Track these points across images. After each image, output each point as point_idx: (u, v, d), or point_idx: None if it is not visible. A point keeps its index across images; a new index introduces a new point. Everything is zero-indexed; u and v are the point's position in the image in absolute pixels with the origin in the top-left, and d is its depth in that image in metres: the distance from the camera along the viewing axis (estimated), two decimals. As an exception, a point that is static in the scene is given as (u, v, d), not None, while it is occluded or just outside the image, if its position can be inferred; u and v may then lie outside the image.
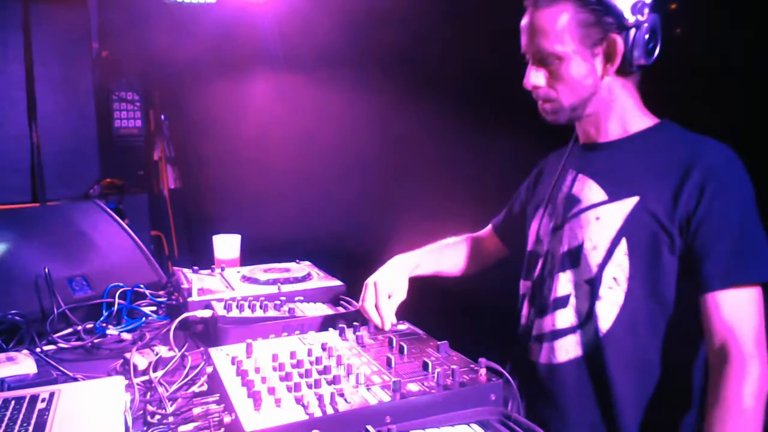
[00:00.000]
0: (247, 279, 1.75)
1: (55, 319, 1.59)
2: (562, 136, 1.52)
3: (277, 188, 3.70)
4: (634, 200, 1.21)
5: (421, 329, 1.36)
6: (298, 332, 1.39)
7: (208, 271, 1.88)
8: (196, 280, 1.73)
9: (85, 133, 2.28)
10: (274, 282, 1.70)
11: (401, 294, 1.39)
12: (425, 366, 1.10)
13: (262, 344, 1.23)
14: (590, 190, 1.29)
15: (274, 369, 1.10)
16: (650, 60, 1.24)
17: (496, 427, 0.98)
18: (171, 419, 1.09)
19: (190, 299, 1.56)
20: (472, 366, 1.10)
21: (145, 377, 1.27)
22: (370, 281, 1.39)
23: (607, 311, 1.23)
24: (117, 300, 1.69)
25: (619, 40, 1.21)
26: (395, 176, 3.68)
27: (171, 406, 1.13)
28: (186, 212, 3.76)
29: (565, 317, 1.30)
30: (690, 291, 1.18)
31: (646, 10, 1.20)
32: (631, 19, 1.19)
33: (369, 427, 0.92)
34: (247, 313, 1.47)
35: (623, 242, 1.21)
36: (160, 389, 1.20)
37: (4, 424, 1.00)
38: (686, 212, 1.16)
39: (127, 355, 1.35)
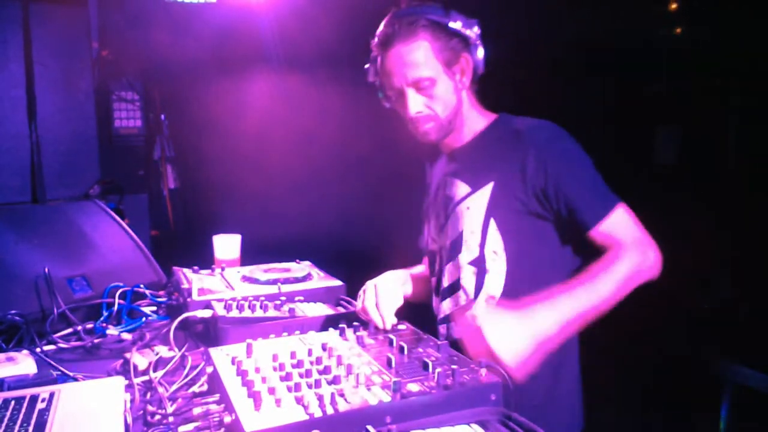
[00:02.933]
0: (247, 279, 1.75)
1: (55, 319, 1.59)
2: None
3: (277, 188, 3.70)
4: (490, 186, 1.43)
5: (421, 329, 1.36)
6: (298, 332, 1.39)
7: (208, 271, 1.88)
8: (196, 280, 1.73)
9: (85, 133, 2.27)
10: (274, 282, 1.70)
11: (399, 299, 1.47)
12: (425, 366, 1.10)
13: (262, 344, 1.23)
14: (457, 188, 1.51)
15: (274, 369, 1.10)
16: (484, 70, 1.48)
17: (496, 427, 0.98)
18: (171, 419, 1.08)
19: (190, 299, 1.56)
20: (472, 366, 1.10)
21: (145, 377, 1.27)
22: (369, 284, 1.47)
23: (496, 281, 1.44)
24: (117, 300, 1.69)
25: (469, 57, 1.44)
26: (395, 176, 3.68)
27: (171, 406, 1.13)
28: (186, 212, 3.76)
29: (461, 297, 1.50)
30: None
31: (476, 28, 1.44)
32: (470, 37, 1.43)
33: (369, 427, 0.92)
34: (247, 313, 1.47)
35: (492, 221, 1.43)
36: (160, 389, 1.20)
37: (4, 424, 1.00)
38: (537, 183, 1.38)
39: (127, 355, 1.35)
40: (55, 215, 2.01)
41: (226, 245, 2.11)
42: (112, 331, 1.57)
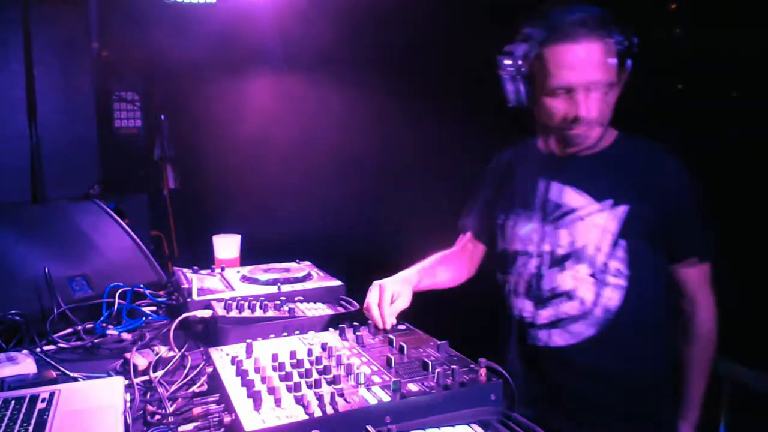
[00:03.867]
0: (247, 279, 1.75)
1: (55, 319, 1.59)
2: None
3: (277, 188, 3.70)
4: (625, 208, 1.44)
5: (421, 329, 1.36)
6: (298, 332, 1.39)
7: (208, 271, 1.88)
8: (196, 280, 1.73)
9: (85, 133, 2.28)
10: (274, 282, 1.70)
11: (405, 302, 1.47)
12: (425, 366, 1.10)
13: (262, 344, 1.23)
14: (575, 198, 1.48)
15: (274, 369, 1.10)
16: None
17: (496, 427, 0.98)
18: (171, 419, 1.09)
19: (190, 299, 1.56)
20: (472, 366, 1.10)
21: (145, 377, 1.27)
22: (376, 283, 1.47)
23: (614, 294, 1.46)
24: (117, 300, 1.69)
25: (627, 68, 1.40)
26: (395, 176, 3.68)
27: (171, 406, 1.13)
28: (186, 212, 3.76)
29: (571, 306, 1.49)
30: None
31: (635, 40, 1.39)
32: (634, 48, 1.38)
33: (369, 427, 0.92)
34: (247, 313, 1.47)
35: (622, 242, 1.44)
36: (160, 389, 1.20)
37: (4, 424, 1.00)
38: (668, 215, 1.44)
39: (127, 355, 1.35)
40: (55, 215, 2.01)
41: (226, 245, 2.11)
42: (112, 331, 1.57)
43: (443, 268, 1.71)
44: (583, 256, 1.47)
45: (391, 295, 1.42)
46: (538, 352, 1.54)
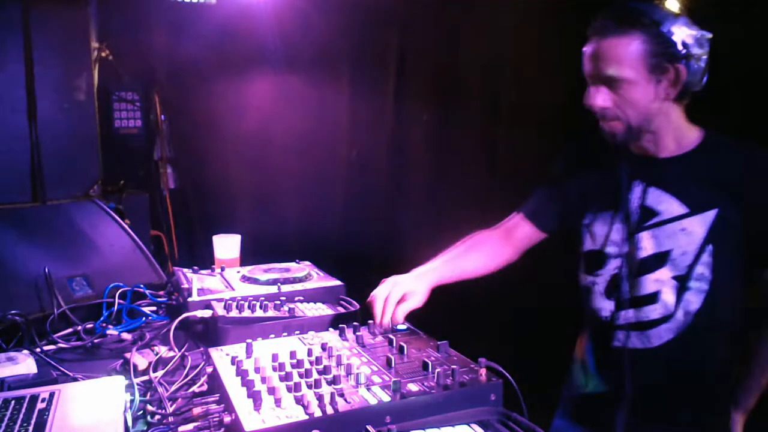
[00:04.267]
0: (247, 279, 1.75)
1: (55, 319, 1.59)
2: (555, 138, 1.53)
3: (277, 188, 3.70)
4: (713, 212, 1.40)
5: (421, 329, 1.36)
6: (298, 332, 1.39)
7: (208, 271, 1.87)
8: (196, 280, 1.73)
9: (85, 133, 2.28)
10: (274, 282, 1.70)
11: (416, 301, 1.44)
12: (425, 366, 1.10)
13: (262, 344, 1.23)
14: (668, 203, 1.46)
15: (274, 369, 1.10)
16: (701, 87, 1.40)
17: (496, 427, 0.98)
18: (171, 419, 1.09)
19: (190, 299, 1.56)
20: (472, 366, 1.10)
21: (145, 377, 1.27)
22: (391, 278, 1.46)
23: (696, 298, 1.44)
24: (117, 300, 1.69)
25: (683, 70, 1.35)
26: (395, 176, 3.68)
27: (171, 406, 1.13)
28: (186, 212, 3.76)
29: (655, 310, 1.48)
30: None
31: (705, 42, 1.37)
32: (693, 51, 1.35)
33: (369, 427, 0.92)
34: (247, 313, 1.47)
35: (709, 247, 1.41)
36: (160, 389, 1.20)
37: (4, 424, 1.00)
38: (759, 219, 1.39)
39: (127, 355, 1.35)
40: (55, 215, 2.01)
41: (226, 245, 2.11)
42: (112, 331, 1.57)
43: (475, 254, 1.66)
44: (668, 260, 1.45)
45: (402, 292, 1.40)
46: (614, 353, 1.53)
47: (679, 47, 1.34)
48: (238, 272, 1.83)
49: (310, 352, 1.17)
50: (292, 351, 1.17)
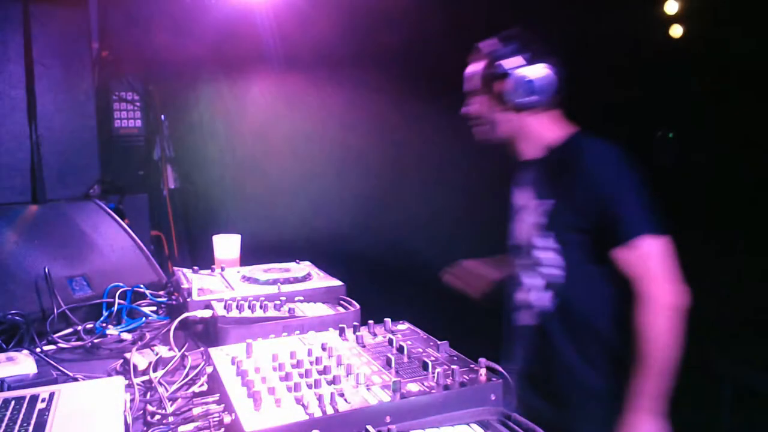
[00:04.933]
0: (247, 279, 1.75)
1: (55, 319, 1.59)
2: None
3: (277, 188, 3.70)
4: (551, 203, 1.65)
5: (421, 329, 1.36)
6: (298, 332, 1.39)
7: (208, 271, 1.88)
8: (196, 280, 1.73)
9: (85, 133, 2.27)
10: (274, 282, 1.70)
11: (487, 280, 1.94)
12: (425, 366, 1.10)
13: (262, 344, 1.23)
14: (523, 197, 1.76)
15: (274, 369, 1.10)
16: (533, 100, 1.66)
17: (496, 427, 0.98)
18: (171, 419, 1.09)
19: (190, 299, 1.56)
20: (472, 366, 1.10)
21: (145, 377, 1.27)
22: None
23: (554, 279, 1.66)
24: (117, 300, 1.69)
25: (500, 86, 1.67)
26: (395, 176, 3.68)
27: (171, 406, 1.13)
28: (186, 212, 3.76)
29: (524, 292, 1.75)
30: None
31: (524, 63, 1.65)
32: (515, 72, 1.65)
33: (369, 427, 0.92)
34: (247, 313, 1.47)
35: (551, 234, 1.64)
36: (160, 389, 1.20)
37: (4, 424, 1.00)
38: (590, 203, 1.57)
39: (127, 355, 1.35)
40: (55, 215, 2.01)
41: (226, 245, 2.11)
42: (112, 331, 1.57)
43: None
44: (527, 248, 1.71)
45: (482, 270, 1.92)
46: (517, 331, 1.79)
47: (501, 68, 1.66)
48: (238, 272, 1.83)
49: (310, 352, 1.17)
50: (292, 351, 1.17)
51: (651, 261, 1.52)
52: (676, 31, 3.81)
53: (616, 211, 1.54)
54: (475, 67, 1.75)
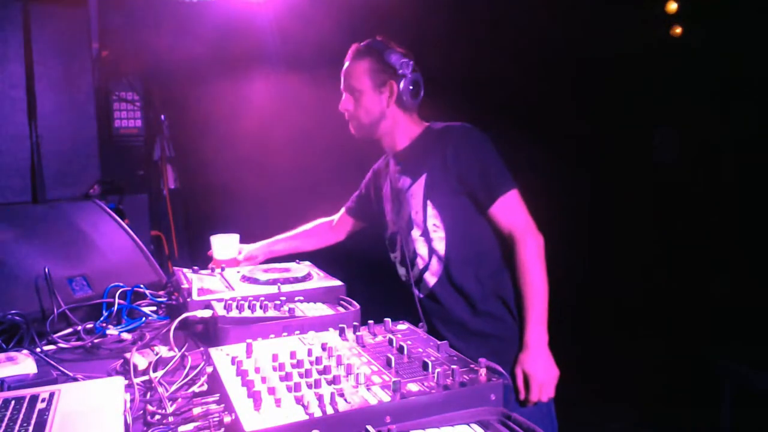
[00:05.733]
0: (247, 279, 1.75)
1: (55, 319, 1.59)
2: (556, 137, 1.54)
3: (277, 188, 3.70)
4: (424, 176, 1.90)
5: (421, 329, 1.36)
6: (298, 332, 1.39)
7: (208, 271, 1.88)
8: (196, 280, 1.73)
9: (85, 133, 2.27)
10: (274, 282, 1.70)
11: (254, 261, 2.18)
12: (425, 366, 1.10)
13: (262, 344, 1.23)
14: (403, 181, 1.97)
15: (274, 369, 1.10)
16: (416, 100, 1.94)
17: (496, 427, 0.98)
18: (171, 419, 1.09)
19: (190, 299, 1.56)
20: (472, 366, 1.10)
21: (145, 377, 1.27)
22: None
23: (440, 245, 1.90)
24: (117, 300, 1.69)
25: (395, 85, 1.90)
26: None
27: (171, 406, 1.13)
28: (186, 212, 3.76)
29: (420, 263, 1.96)
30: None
31: (410, 68, 1.90)
32: (401, 71, 1.89)
33: (369, 427, 0.92)
34: (247, 313, 1.47)
35: (428, 202, 1.89)
36: (160, 389, 1.20)
37: (4, 424, 1.00)
38: (455, 169, 1.84)
39: (127, 355, 1.35)
40: (55, 215, 2.01)
41: (224, 244, 2.11)
42: (112, 331, 1.57)
43: (306, 236, 2.39)
44: (412, 221, 1.93)
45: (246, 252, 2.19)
46: (418, 304, 1.98)
47: (391, 68, 1.89)
48: (238, 272, 1.84)
49: (310, 352, 1.17)
50: (292, 351, 1.17)
51: (517, 210, 1.82)
52: (676, 30, 3.81)
53: (479, 175, 1.82)
54: (361, 66, 1.92)
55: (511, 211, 1.83)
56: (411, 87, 1.91)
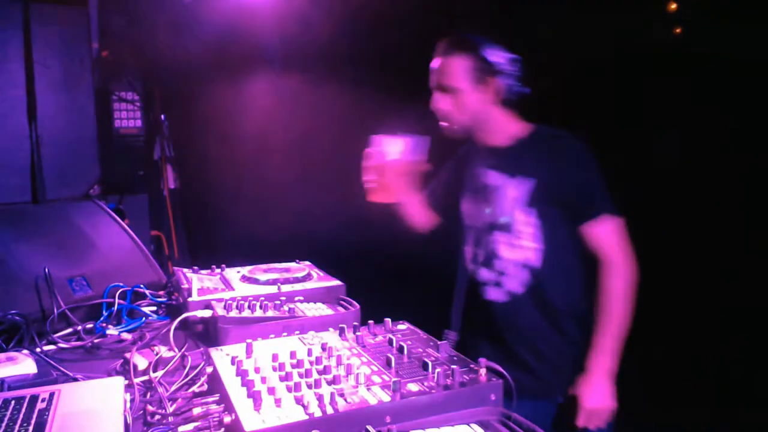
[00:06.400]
0: (247, 279, 1.75)
1: (55, 319, 1.59)
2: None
3: (277, 188, 3.70)
4: (530, 181, 1.78)
5: (421, 329, 1.36)
6: (298, 332, 1.39)
7: (208, 271, 1.88)
8: (196, 280, 1.73)
9: (85, 133, 2.27)
10: (274, 282, 1.70)
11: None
12: (425, 366, 1.10)
13: (262, 344, 1.23)
14: (500, 179, 1.84)
15: (274, 369, 1.10)
16: (517, 96, 1.83)
17: (496, 427, 0.98)
18: (171, 419, 1.09)
19: (190, 299, 1.56)
20: (472, 366, 1.10)
21: (145, 377, 1.27)
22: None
23: (528, 253, 1.79)
24: (117, 300, 1.69)
25: (499, 83, 1.79)
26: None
27: (171, 406, 1.13)
28: (186, 212, 3.76)
29: (501, 267, 1.84)
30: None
31: (512, 64, 1.80)
32: (505, 69, 1.79)
33: (369, 427, 0.92)
34: (247, 313, 1.47)
35: (533, 211, 1.77)
36: (160, 389, 1.20)
37: (4, 424, 1.00)
38: (566, 181, 1.75)
39: (127, 355, 1.35)
40: (55, 215, 2.01)
41: (396, 145, 2.00)
42: (112, 331, 1.57)
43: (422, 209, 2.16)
44: (505, 224, 1.82)
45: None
46: (484, 306, 1.87)
47: (495, 65, 1.77)
48: (238, 272, 1.84)
49: (310, 352, 1.17)
50: (292, 351, 1.17)
51: (614, 234, 1.74)
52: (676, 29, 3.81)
53: (587, 192, 1.75)
54: (458, 63, 1.81)
55: (611, 233, 1.74)
56: (513, 84, 1.82)
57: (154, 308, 1.78)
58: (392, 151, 1.92)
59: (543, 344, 1.81)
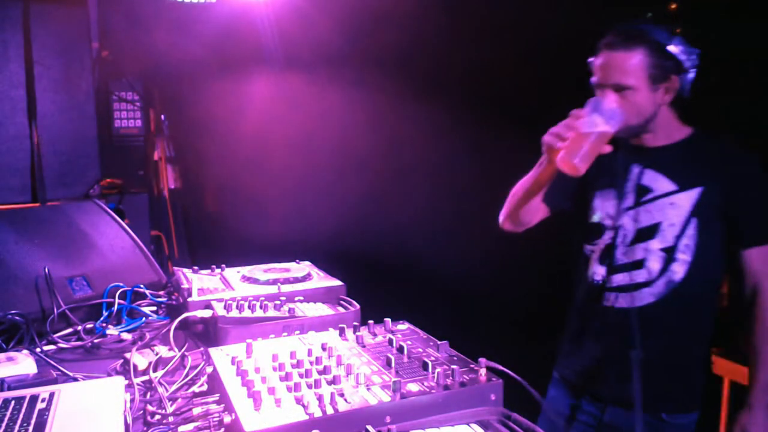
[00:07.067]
0: (247, 279, 1.75)
1: (55, 319, 1.59)
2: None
3: (277, 188, 3.70)
4: (699, 190, 1.62)
5: (421, 329, 1.36)
6: (298, 332, 1.39)
7: (208, 271, 1.88)
8: (196, 280, 1.73)
9: (85, 133, 2.27)
10: (274, 282, 1.70)
11: None
12: (425, 366, 1.10)
13: (262, 344, 1.23)
14: (660, 182, 1.68)
15: (274, 369, 1.10)
16: (690, 95, 1.64)
17: (496, 427, 0.98)
18: (171, 419, 1.09)
19: (190, 299, 1.56)
20: (472, 366, 1.10)
21: (145, 377, 1.27)
22: None
23: (680, 268, 1.64)
24: (117, 300, 1.69)
25: (677, 80, 1.60)
26: (395, 176, 3.68)
27: (171, 406, 1.13)
28: (186, 212, 3.76)
29: (640, 275, 1.68)
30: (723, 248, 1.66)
31: (694, 57, 1.59)
32: (687, 65, 1.58)
33: (369, 427, 0.92)
34: (247, 313, 1.47)
35: (694, 221, 1.62)
36: (160, 389, 1.20)
37: (4, 424, 1.00)
38: (733, 194, 1.61)
39: (127, 355, 1.35)
40: (55, 215, 2.01)
41: (609, 115, 1.88)
42: (112, 331, 1.57)
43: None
44: (658, 231, 1.66)
45: None
46: (603, 311, 1.74)
47: (675, 61, 1.57)
48: (238, 272, 1.84)
49: (310, 352, 1.17)
50: (292, 351, 1.17)
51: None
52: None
53: (757, 213, 1.62)
54: (633, 58, 1.57)
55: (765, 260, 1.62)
56: (692, 83, 1.62)
57: (154, 308, 1.78)
58: (603, 119, 1.59)
59: (659, 359, 1.67)
